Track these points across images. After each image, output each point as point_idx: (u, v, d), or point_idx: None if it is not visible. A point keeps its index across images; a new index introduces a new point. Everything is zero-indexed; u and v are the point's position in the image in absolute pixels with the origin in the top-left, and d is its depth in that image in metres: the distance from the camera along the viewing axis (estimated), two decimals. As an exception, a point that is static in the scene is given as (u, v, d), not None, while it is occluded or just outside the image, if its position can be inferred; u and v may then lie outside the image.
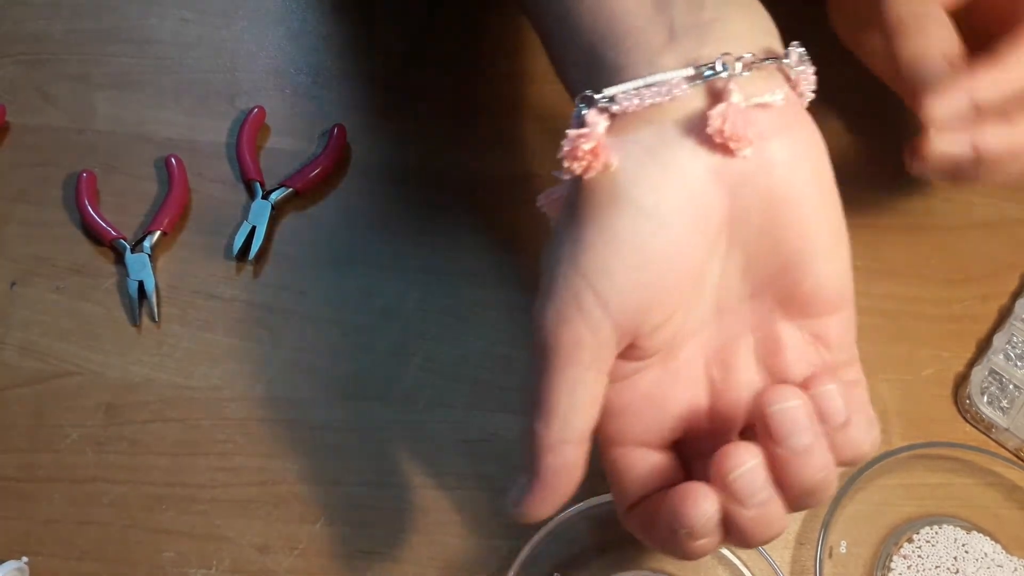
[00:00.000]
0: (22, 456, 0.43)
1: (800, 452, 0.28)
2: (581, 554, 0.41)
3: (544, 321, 0.30)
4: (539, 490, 0.31)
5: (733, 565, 0.41)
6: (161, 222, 0.47)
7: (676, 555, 0.31)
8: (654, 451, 0.33)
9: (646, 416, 0.32)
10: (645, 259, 0.29)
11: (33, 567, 0.41)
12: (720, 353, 0.32)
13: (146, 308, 0.46)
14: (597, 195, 0.29)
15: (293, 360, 0.45)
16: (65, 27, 0.53)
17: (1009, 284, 0.47)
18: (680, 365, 0.32)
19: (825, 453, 0.29)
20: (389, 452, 0.43)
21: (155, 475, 0.43)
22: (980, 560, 0.40)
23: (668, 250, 0.29)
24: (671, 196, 0.28)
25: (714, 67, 0.28)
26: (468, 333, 0.46)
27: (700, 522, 0.28)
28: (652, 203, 0.28)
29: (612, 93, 0.29)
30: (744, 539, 0.29)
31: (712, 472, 0.29)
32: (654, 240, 0.29)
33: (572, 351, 0.29)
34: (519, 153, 0.50)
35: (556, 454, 0.30)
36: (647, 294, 0.29)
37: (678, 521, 0.28)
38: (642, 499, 0.33)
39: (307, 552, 0.41)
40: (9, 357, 0.45)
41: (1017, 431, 0.42)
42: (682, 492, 0.29)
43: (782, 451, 0.28)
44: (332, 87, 0.52)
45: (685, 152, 0.28)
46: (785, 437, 0.28)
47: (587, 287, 0.29)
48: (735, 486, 0.28)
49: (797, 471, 0.28)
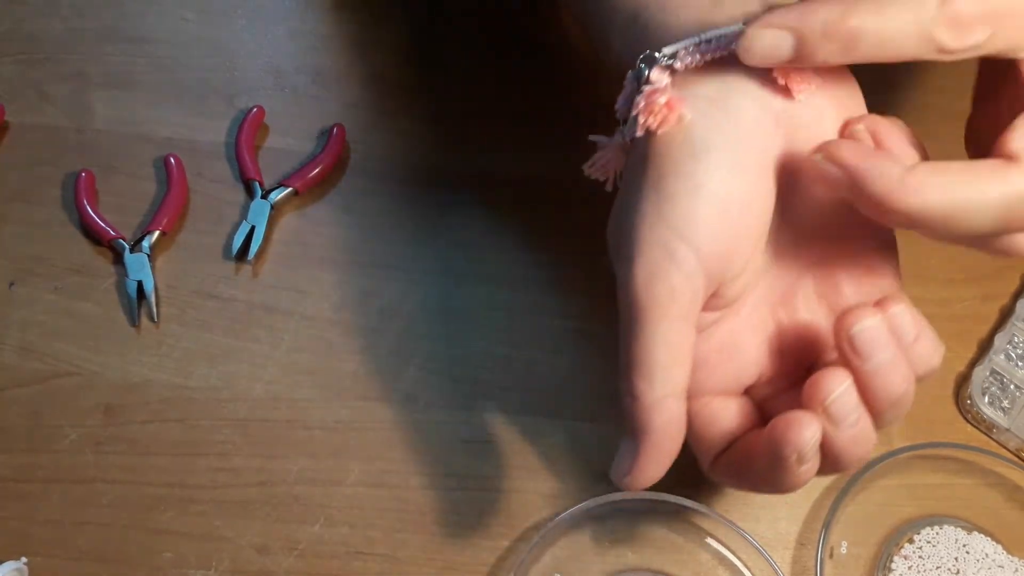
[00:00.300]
0: (21, 456, 0.43)
1: (884, 366, 0.30)
2: (581, 554, 0.41)
3: (635, 278, 0.31)
4: (650, 451, 0.31)
5: (734, 566, 0.41)
6: (160, 222, 0.47)
7: (778, 486, 0.31)
8: (732, 399, 0.34)
9: (722, 366, 0.34)
10: (727, 205, 0.30)
11: (32, 567, 0.41)
12: (783, 296, 0.34)
13: (145, 308, 0.46)
14: (673, 148, 0.30)
15: (293, 360, 0.45)
16: (64, 26, 0.53)
17: (1010, 284, 0.47)
18: (748, 312, 0.34)
19: (905, 366, 0.30)
20: (389, 452, 0.43)
21: (154, 475, 0.43)
22: (981, 560, 0.40)
23: (746, 194, 0.31)
24: (742, 142, 0.30)
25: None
26: (468, 333, 0.45)
27: (809, 445, 0.29)
28: (728, 150, 0.30)
29: (672, 51, 0.30)
30: (840, 461, 0.31)
31: (807, 399, 0.30)
32: (733, 185, 0.30)
33: (668, 303, 0.30)
34: (519, 153, 0.50)
35: (662, 410, 0.31)
36: (731, 240, 0.31)
37: (788, 447, 0.29)
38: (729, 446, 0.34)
39: (307, 552, 0.41)
40: (8, 357, 0.45)
41: (1018, 431, 0.42)
42: (786, 421, 0.30)
43: (868, 368, 0.30)
44: (332, 87, 0.52)
45: (748, 101, 0.30)
46: (870, 354, 0.30)
47: (677, 237, 0.30)
48: (832, 409, 0.30)
49: (883, 386, 0.30)
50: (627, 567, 0.41)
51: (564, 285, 0.46)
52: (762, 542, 0.40)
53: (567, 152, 0.49)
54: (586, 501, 0.41)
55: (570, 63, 0.52)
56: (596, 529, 0.41)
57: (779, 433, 0.30)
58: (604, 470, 0.42)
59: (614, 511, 0.41)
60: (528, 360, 0.45)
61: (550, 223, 0.48)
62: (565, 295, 0.46)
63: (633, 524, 0.42)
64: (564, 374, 0.45)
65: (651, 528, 0.42)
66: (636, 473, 0.32)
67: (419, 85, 0.52)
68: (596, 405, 0.44)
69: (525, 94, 0.51)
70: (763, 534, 0.42)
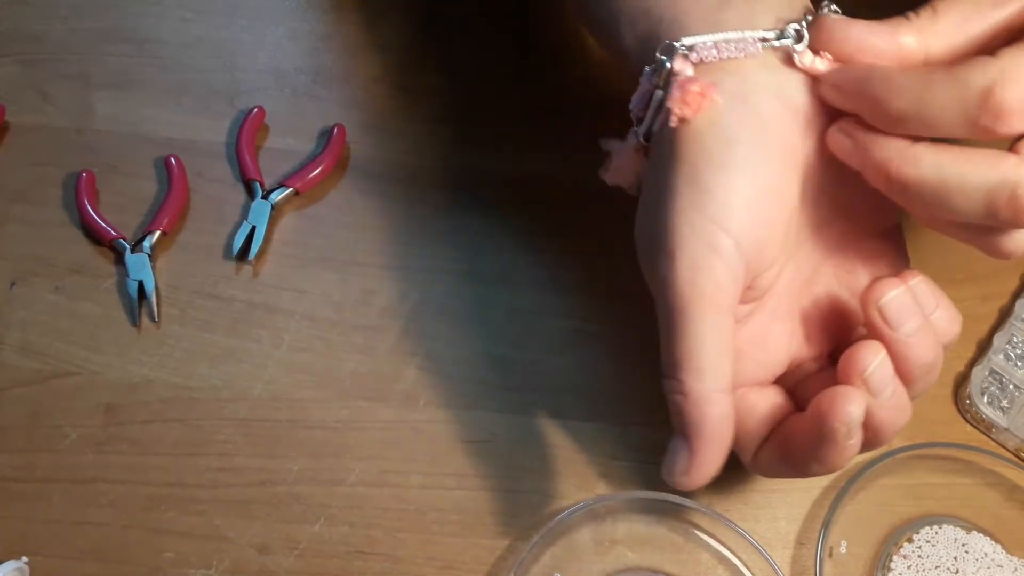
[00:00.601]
0: (21, 456, 0.43)
1: (914, 334, 0.31)
2: (581, 554, 0.41)
3: (679, 274, 0.31)
4: (705, 448, 0.31)
5: (733, 566, 0.41)
6: (161, 222, 0.47)
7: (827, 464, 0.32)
8: (767, 388, 0.35)
9: (755, 357, 0.35)
10: (761, 195, 0.31)
11: (33, 567, 0.41)
12: (805, 284, 0.35)
13: (146, 308, 0.46)
14: (704, 142, 0.31)
15: (293, 360, 0.45)
16: (64, 27, 0.53)
17: (1009, 284, 0.47)
18: (775, 303, 0.35)
19: (932, 333, 0.32)
20: (389, 452, 0.43)
21: (155, 475, 0.43)
22: (980, 560, 0.40)
23: (776, 185, 0.31)
24: (768, 135, 0.31)
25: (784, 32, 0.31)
26: (468, 333, 0.46)
27: (856, 417, 0.30)
28: (755, 142, 0.31)
29: (691, 43, 0.31)
30: (880, 433, 0.32)
31: (844, 374, 0.31)
32: (765, 176, 0.31)
33: (714, 296, 0.31)
34: (519, 153, 0.50)
35: (714, 404, 0.31)
36: (766, 229, 0.31)
37: (837, 421, 0.30)
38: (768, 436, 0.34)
39: (307, 552, 0.41)
40: (8, 357, 0.45)
41: (1017, 431, 0.42)
42: (831, 397, 0.31)
43: (899, 336, 0.31)
44: (332, 87, 0.52)
45: (767, 95, 0.31)
46: (900, 324, 0.31)
47: (719, 230, 0.30)
48: (872, 381, 0.31)
49: (915, 354, 0.31)
50: (627, 567, 0.41)
51: (564, 285, 0.46)
52: (762, 541, 0.40)
53: (567, 152, 0.49)
54: (586, 501, 0.41)
55: (570, 62, 0.52)
56: (596, 529, 0.41)
57: (826, 408, 0.30)
58: (604, 470, 0.43)
59: (614, 511, 0.41)
60: (528, 360, 0.45)
61: (550, 223, 0.48)
62: (565, 295, 0.46)
63: (633, 524, 0.42)
64: (564, 374, 0.45)
65: (651, 528, 0.42)
66: (693, 472, 0.32)
67: (419, 85, 0.52)
68: (596, 405, 0.44)
69: (525, 94, 0.51)
70: (763, 533, 0.42)
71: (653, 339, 0.36)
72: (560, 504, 0.41)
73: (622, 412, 0.44)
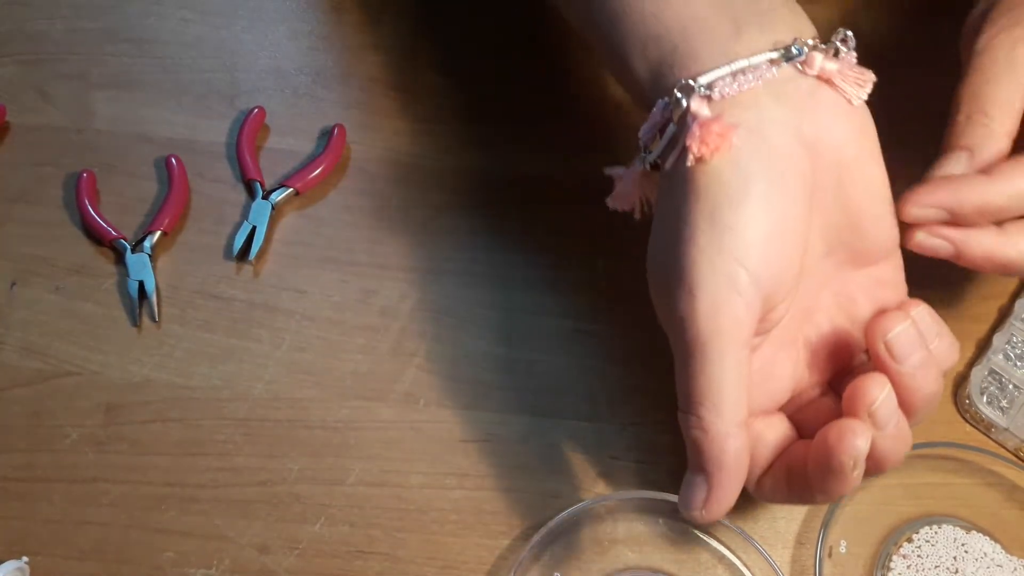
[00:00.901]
0: (22, 456, 0.43)
1: (919, 367, 0.32)
2: (581, 554, 0.41)
3: (698, 311, 0.31)
4: (725, 481, 0.32)
5: (733, 565, 0.41)
6: (161, 222, 0.47)
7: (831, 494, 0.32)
8: (773, 417, 0.35)
9: (762, 387, 0.35)
10: (778, 230, 0.31)
11: (33, 567, 0.41)
12: (806, 313, 0.35)
13: (146, 308, 0.46)
14: (723, 177, 0.31)
15: (294, 360, 0.45)
16: (65, 27, 0.53)
17: (1009, 284, 0.47)
18: (779, 333, 0.35)
19: (935, 365, 0.33)
20: (389, 452, 0.43)
21: (155, 475, 0.43)
22: (980, 560, 0.40)
23: (792, 218, 0.32)
24: (782, 169, 0.31)
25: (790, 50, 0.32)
26: (468, 333, 0.46)
27: (863, 451, 0.31)
28: (772, 177, 0.31)
29: (709, 80, 0.31)
30: (884, 462, 0.33)
31: (850, 406, 0.32)
32: (781, 211, 0.31)
33: (733, 333, 0.31)
34: (519, 153, 0.50)
35: (734, 438, 0.32)
36: (782, 264, 0.32)
37: (845, 455, 0.31)
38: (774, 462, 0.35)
39: (307, 552, 0.41)
40: (9, 357, 0.45)
41: (1017, 431, 0.42)
42: (838, 430, 0.31)
43: (904, 370, 0.32)
44: (332, 87, 0.52)
45: (780, 128, 0.31)
46: (906, 356, 0.32)
47: (739, 267, 0.31)
48: (877, 415, 0.31)
49: (918, 386, 0.32)
50: (627, 567, 0.41)
51: (564, 285, 0.46)
52: (761, 541, 0.41)
53: (567, 152, 0.50)
54: (586, 501, 0.41)
55: (570, 63, 0.52)
56: (596, 529, 0.41)
57: (834, 442, 0.31)
58: (604, 470, 0.43)
59: (614, 511, 0.41)
60: (528, 360, 0.45)
61: (550, 223, 0.48)
62: (565, 295, 0.46)
63: (633, 524, 0.42)
64: (564, 374, 0.45)
65: (651, 528, 0.42)
66: (712, 505, 0.32)
67: (419, 85, 0.52)
68: (596, 405, 0.44)
69: (525, 94, 0.51)
70: (762, 533, 0.42)
71: (653, 339, 0.36)
72: (560, 504, 0.41)
73: (622, 412, 0.44)
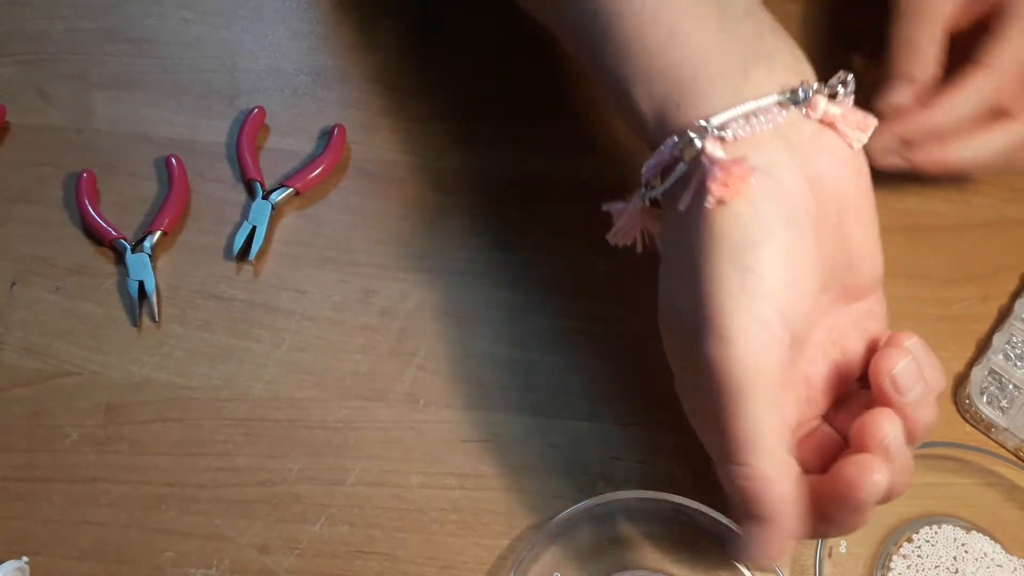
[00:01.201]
0: (22, 456, 0.43)
1: (920, 399, 0.33)
2: (581, 554, 0.41)
3: (734, 358, 0.31)
4: (785, 524, 0.32)
5: (733, 565, 0.41)
6: (161, 222, 0.47)
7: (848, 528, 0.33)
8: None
9: None
10: (798, 269, 0.32)
11: (33, 567, 0.41)
12: (803, 347, 0.35)
13: (146, 308, 0.46)
14: (742, 220, 0.31)
15: (294, 360, 0.45)
16: (65, 27, 0.53)
17: (1009, 284, 0.47)
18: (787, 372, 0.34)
19: (932, 394, 0.34)
20: (389, 452, 0.43)
21: (155, 475, 0.43)
22: (980, 560, 0.40)
23: (809, 256, 0.32)
24: (795, 208, 0.32)
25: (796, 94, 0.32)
26: (468, 333, 0.46)
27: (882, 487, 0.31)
28: (789, 216, 0.31)
29: (721, 122, 0.32)
30: (892, 494, 0.33)
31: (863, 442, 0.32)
32: (799, 249, 0.32)
33: (772, 375, 0.31)
34: (519, 153, 0.50)
35: (784, 479, 0.32)
36: (806, 300, 0.32)
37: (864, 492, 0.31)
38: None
39: (308, 551, 0.41)
40: (9, 357, 0.45)
41: (1017, 431, 0.42)
42: (858, 468, 0.31)
43: (908, 401, 0.33)
44: (332, 87, 0.52)
45: (786, 167, 0.32)
46: (909, 390, 0.33)
47: (771, 309, 0.31)
48: (891, 449, 0.32)
49: (920, 416, 0.33)
50: (627, 567, 0.41)
51: (563, 285, 0.46)
52: (761, 541, 0.40)
53: (567, 152, 0.50)
54: (586, 501, 0.41)
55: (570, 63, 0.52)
56: (596, 529, 0.41)
57: (855, 479, 0.31)
58: (604, 470, 0.43)
59: (614, 511, 0.41)
60: (528, 360, 0.45)
61: (550, 223, 0.48)
62: (565, 295, 0.46)
63: (633, 524, 0.42)
64: (564, 374, 0.45)
65: (651, 528, 0.42)
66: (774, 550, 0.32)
67: (419, 85, 0.52)
68: (596, 405, 0.44)
69: (525, 94, 0.51)
70: (762, 533, 0.42)
71: (652, 339, 0.36)
72: (560, 504, 0.41)
73: (622, 412, 0.44)
